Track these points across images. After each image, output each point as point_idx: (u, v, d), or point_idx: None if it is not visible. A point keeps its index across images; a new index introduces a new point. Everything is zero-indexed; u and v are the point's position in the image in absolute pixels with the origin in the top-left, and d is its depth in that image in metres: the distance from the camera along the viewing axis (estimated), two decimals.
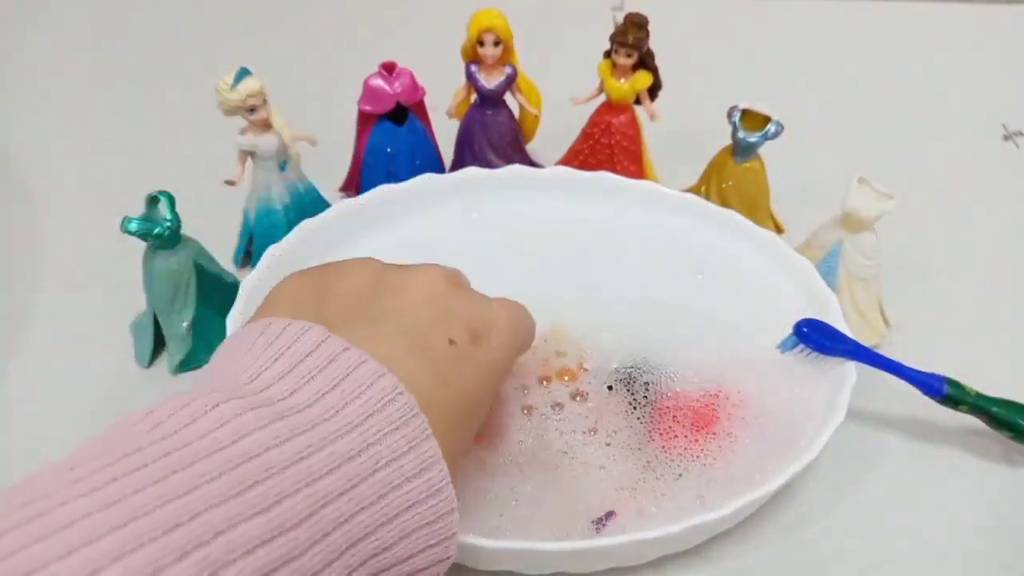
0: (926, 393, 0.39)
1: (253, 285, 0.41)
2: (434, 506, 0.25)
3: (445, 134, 0.55)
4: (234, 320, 0.39)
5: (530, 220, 0.48)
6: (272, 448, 0.22)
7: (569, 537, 0.34)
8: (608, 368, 0.41)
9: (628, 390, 0.40)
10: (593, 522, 0.35)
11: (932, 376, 0.39)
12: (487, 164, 0.53)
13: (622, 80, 0.51)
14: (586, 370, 0.41)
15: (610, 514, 0.35)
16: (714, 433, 0.38)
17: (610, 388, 0.40)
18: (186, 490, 0.20)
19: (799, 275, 0.44)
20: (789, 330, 0.40)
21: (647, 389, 0.40)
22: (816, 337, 0.39)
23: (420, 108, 0.53)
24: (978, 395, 0.39)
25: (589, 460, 0.37)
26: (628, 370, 0.41)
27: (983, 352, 0.46)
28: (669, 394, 0.40)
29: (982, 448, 0.41)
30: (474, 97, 0.53)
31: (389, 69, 0.51)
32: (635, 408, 0.39)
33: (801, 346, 0.40)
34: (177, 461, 0.21)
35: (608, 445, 0.38)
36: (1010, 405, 0.39)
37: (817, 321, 0.40)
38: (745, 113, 0.48)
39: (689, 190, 0.52)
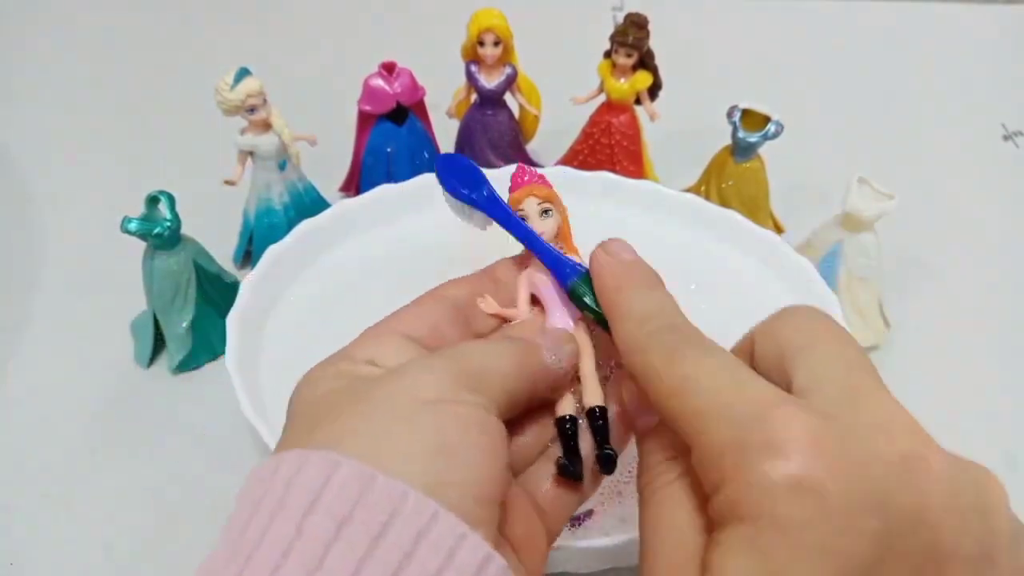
0: (559, 280, 0.31)
1: (253, 285, 0.41)
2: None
3: (445, 134, 0.55)
4: (234, 320, 0.39)
5: None
6: None
7: None
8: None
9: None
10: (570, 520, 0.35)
11: (570, 265, 0.31)
12: (487, 164, 0.53)
13: (622, 80, 0.51)
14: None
15: (589, 513, 0.35)
16: None
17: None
18: None
19: (799, 275, 0.44)
20: None
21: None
22: (451, 178, 0.32)
23: (420, 108, 0.53)
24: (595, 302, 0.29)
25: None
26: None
27: (983, 352, 0.46)
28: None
29: (981, 451, 0.41)
30: (474, 97, 0.53)
31: (389, 69, 0.51)
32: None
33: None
34: None
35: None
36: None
37: (457, 159, 0.32)
38: (745, 113, 0.48)
39: (689, 190, 0.52)
